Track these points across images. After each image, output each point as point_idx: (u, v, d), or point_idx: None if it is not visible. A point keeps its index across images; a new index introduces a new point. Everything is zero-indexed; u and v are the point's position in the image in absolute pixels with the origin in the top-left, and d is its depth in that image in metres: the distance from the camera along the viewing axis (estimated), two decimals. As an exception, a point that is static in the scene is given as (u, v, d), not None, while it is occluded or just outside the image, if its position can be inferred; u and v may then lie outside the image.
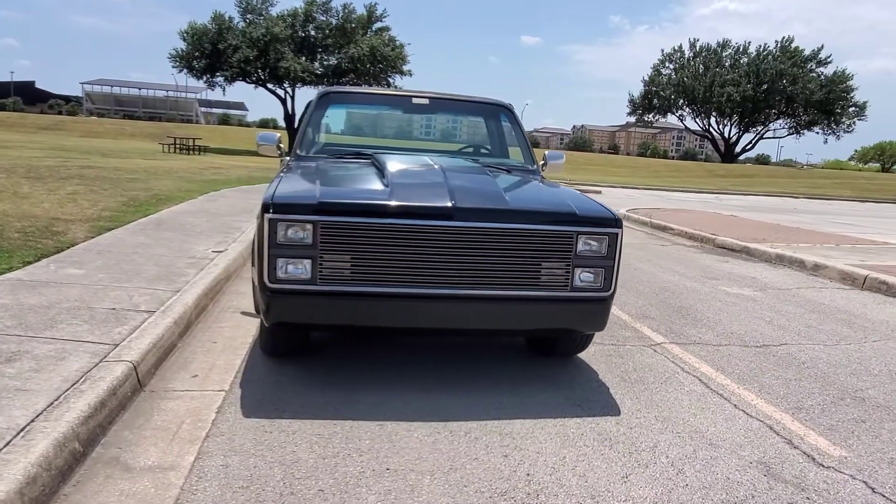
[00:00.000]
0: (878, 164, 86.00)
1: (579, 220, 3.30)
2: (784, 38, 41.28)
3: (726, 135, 45.37)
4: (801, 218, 16.12)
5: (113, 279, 4.66)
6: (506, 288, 3.24)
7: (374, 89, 4.77)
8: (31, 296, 4.05)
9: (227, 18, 31.17)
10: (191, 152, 26.46)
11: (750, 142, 46.75)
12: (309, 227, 3.07)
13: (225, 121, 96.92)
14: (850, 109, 41.40)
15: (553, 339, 3.90)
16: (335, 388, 3.33)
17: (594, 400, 3.41)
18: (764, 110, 41.64)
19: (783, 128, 44.16)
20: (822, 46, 41.12)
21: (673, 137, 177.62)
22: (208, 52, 30.57)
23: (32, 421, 2.43)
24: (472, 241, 3.16)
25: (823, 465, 2.83)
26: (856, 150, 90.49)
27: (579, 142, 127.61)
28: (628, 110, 48.76)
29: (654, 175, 38.30)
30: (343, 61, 32.13)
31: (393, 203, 3.15)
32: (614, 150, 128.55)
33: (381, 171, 3.69)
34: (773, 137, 46.23)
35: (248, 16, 31.66)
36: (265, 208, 3.05)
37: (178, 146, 26.83)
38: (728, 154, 45.66)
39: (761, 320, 5.37)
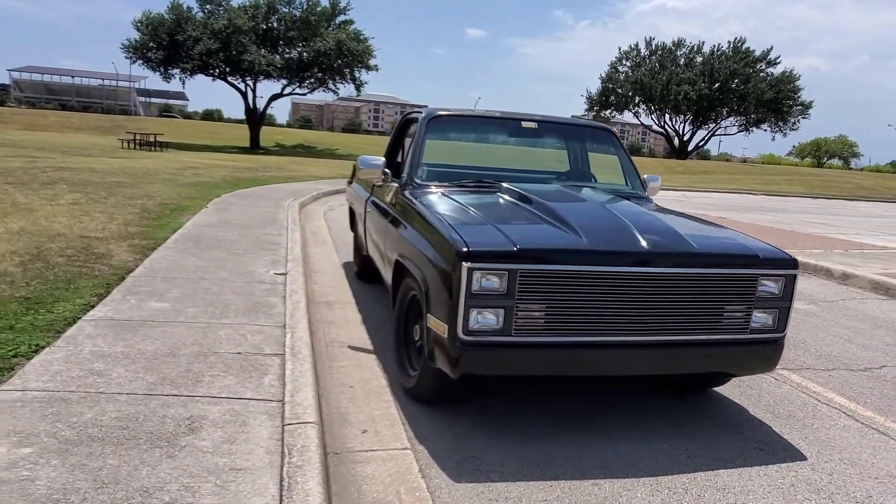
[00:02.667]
0: (810, 160, 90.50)
1: (762, 263, 3.25)
2: (736, 38, 42.99)
3: (681, 132, 46.84)
4: (775, 217, 16.70)
5: (206, 314, 4.34)
6: (693, 332, 3.16)
7: (482, 111, 4.58)
8: (141, 340, 3.72)
9: (185, 8, 29.88)
10: (152, 148, 25.29)
11: (703, 139, 48.56)
12: (505, 275, 2.90)
13: (167, 111, 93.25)
14: (796, 108, 43.34)
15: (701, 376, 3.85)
16: (517, 440, 3.17)
17: (769, 441, 3.38)
18: (717, 108, 43.06)
19: (734, 125, 45.82)
20: (772, 48, 42.87)
21: (617, 132, 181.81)
22: (166, 44, 29.20)
23: (280, 510, 2.20)
24: (665, 286, 3.06)
25: None
26: (794, 146, 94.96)
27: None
28: (586, 107, 49.59)
29: (613, 172, 38.99)
30: (308, 54, 31.34)
31: (592, 249, 3.01)
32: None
33: (540, 207, 3.54)
34: (725, 134, 47.85)
35: (208, 6, 30.42)
36: (462, 257, 2.86)
37: (137, 142, 25.61)
38: (682, 151, 47.10)
39: (840, 338, 5.47)
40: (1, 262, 5.15)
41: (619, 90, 45.68)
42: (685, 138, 47.55)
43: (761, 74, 42.10)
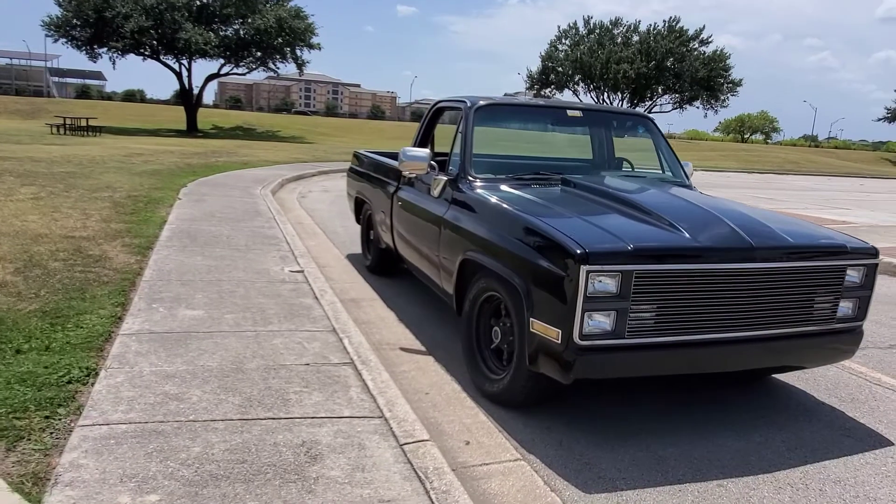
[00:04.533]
0: (731, 135, 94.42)
1: (849, 253, 3.28)
2: (671, 17, 44.01)
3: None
4: (727, 194, 17.31)
5: (246, 320, 4.07)
6: (790, 325, 3.17)
7: (529, 101, 4.42)
8: (198, 355, 3.43)
9: (111, -18, 27.86)
10: (85, 134, 23.70)
11: (639, 116, 49.40)
12: (619, 276, 2.80)
13: (85, 92, 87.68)
14: (727, 86, 45.00)
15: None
16: (621, 442, 3.10)
17: (851, 427, 3.44)
18: (653, 86, 44.16)
19: (669, 103, 47.12)
20: (704, 27, 44.24)
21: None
22: (93, 21, 27.22)
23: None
24: (768, 281, 3.05)
25: None
26: (720, 123, 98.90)
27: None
28: (526, 85, 49.86)
29: (557, 152, 39.50)
30: (246, 32, 29.97)
31: (703, 247, 2.95)
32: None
33: (621, 201, 3.46)
34: (661, 112, 49.21)
35: (137, -20, 28.48)
36: (580, 259, 2.73)
37: (67, 127, 23.92)
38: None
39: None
40: (-6, 270, 4.66)
41: (560, 68, 46.12)
42: (623, 116, 48.43)
43: (695, 53, 43.42)
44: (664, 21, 44.11)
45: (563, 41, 46.78)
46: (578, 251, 2.77)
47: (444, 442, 2.99)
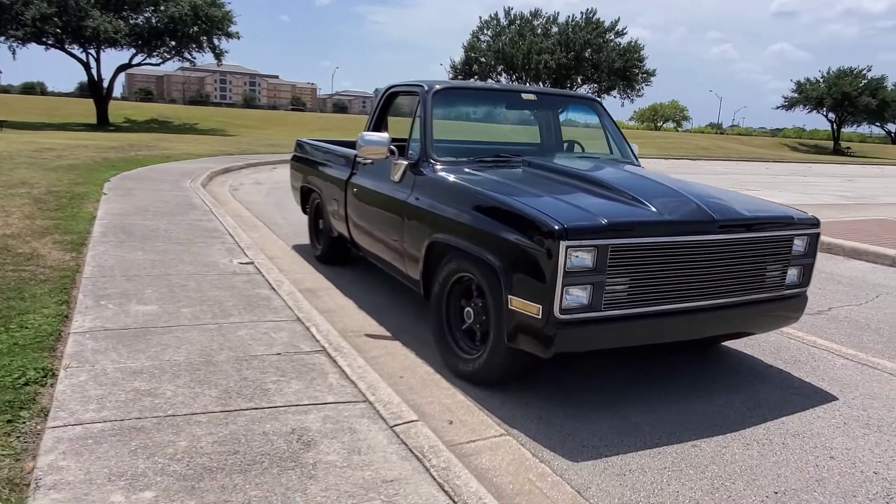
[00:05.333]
0: (646, 123, 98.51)
1: (795, 224, 3.51)
2: (588, 9, 45.11)
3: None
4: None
5: (205, 314, 3.92)
6: (747, 293, 3.36)
7: (485, 84, 4.43)
8: (161, 350, 3.29)
9: (7, -35, 25.78)
10: (-17, 128, 21.96)
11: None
12: (594, 251, 2.89)
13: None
14: (642, 75, 46.78)
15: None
16: (597, 412, 3.20)
17: (799, 386, 3.69)
18: (573, 76, 45.31)
19: (588, 92, 48.45)
20: (619, 19, 45.72)
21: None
22: (-12, 7, 25.12)
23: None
24: (729, 251, 3.22)
25: None
26: (635, 112, 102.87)
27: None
28: (450, 75, 49.99)
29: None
30: (160, 21, 28.53)
31: (671, 220, 3.08)
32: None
33: (586, 180, 3.56)
34: (581, 101, 50.47)
35: (35, -36, 26.49)
36: (558, 235, 2.80)
37: (-38, 121, 22.10)
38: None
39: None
40: (-87, 272, 4.28)
41: (483, 59, 46.57)
42: (545, 106, 49.47)
43: (611, 44, 44.86)
44: (581, 13, 45.32)
45: (485, 32, 47.26)
46: (557, 227, 2.83)
47: (427, 422, 2.97)
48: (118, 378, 2.89)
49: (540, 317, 2.90)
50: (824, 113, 58.48)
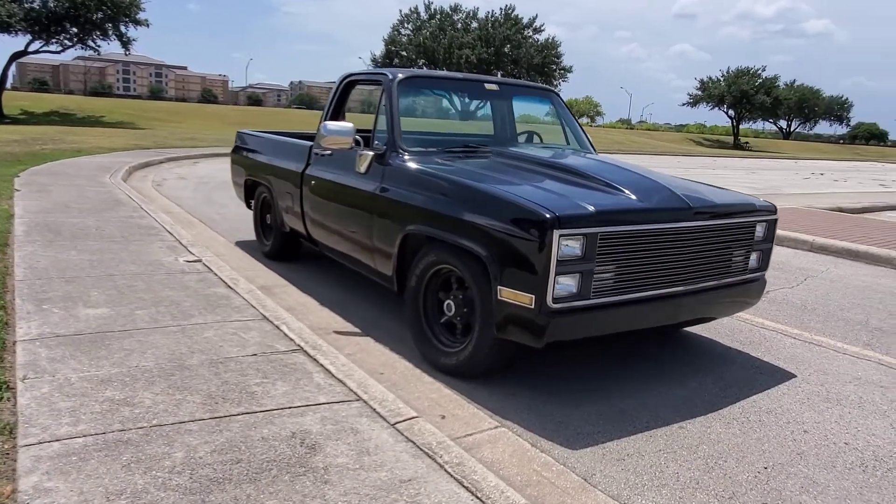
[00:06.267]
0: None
1: (757, 211, 3.68)
2: (507, 6, 45.76)
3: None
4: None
5: (164, 315, 3.68)
6: (717, 277, 3.50)
7: (448, 74, 4.36)
8: (126, 356, 3.05)
9: None
10: None
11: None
12: (583, 239, 2.91)
13: None
14: (559, 72, 47.95)
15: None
16: (583, 399, 3.25)
17: (759, 366, 3.88)
18: (493, 72, 45.82)
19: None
20: (537, 16, 46.64)
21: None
22: None
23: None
24: (703, 238, 3.34)
25: None
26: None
27: (305, 98, 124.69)
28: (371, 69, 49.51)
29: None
30: (59, 5, 26.50)
31: (652, 209, 3.15)
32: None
33: (561, 170, 3.58)
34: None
35: None
36: (551, 225, 2.80)
37: None
38: (464, 112, 49.52)
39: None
40: None
41: (404, 53, 46.29)
42: (465, 101, 49.86)
43: (530, 40, 45.72)
44: (501, 9, 45.89)
45: (406, 25, 47.00)
46: (549, 216, 2.83)
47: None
48: (86, 388, 2.65)
49: (532, 306, 2.90)
50: (725, 110, 62.09)
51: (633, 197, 3.22)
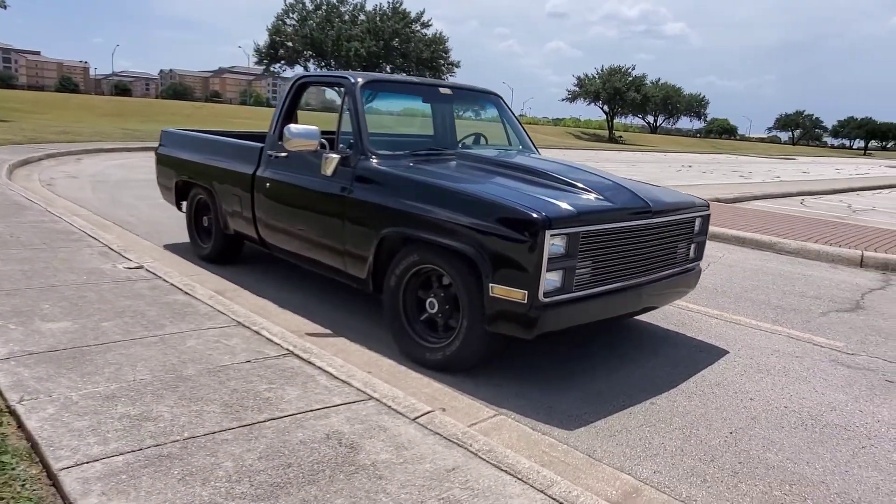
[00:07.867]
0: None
1: (696, 207, 4.14)
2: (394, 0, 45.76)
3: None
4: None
5: (134, 326, 3.57)
6: (668, 268, 3.91)
7: (407, 78, 4.41)
8: (116, 371, 2.97)
9: None
10: None
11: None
12: (567, 238, 3.19)
13: None
14: (448, 66, 48.77)
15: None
16: (564, 385, 3.53)
17: (696, 345, 4.37)
18: (382, 65, 45.76)
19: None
20: (424, 10, 47.02)
21: (268, 84, 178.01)
22: None
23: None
24: (661, 233, 3.74)
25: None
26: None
27: (178, 88, 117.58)
28: (255, 59, 47.70)
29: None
30: None
31: (621, 209, 3.48)
32: (217, 97, 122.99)
33: (530, 172, 3.84)
34: (390, 90, 51.16)
35: None
36: (543, 225, 3.04)
37: None
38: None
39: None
40: None
41: (290, 43, 45.07)
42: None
43: (418, 35, 46.08)
44: (388, 2, 45.85)
45: (291, 15, 45.74)
46: (540, 218, 3.07)
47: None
48: (94, 406, 2.56)
49: (525, 302, 3.13)
50: (601, 105, 65.93)
51: (602, 197, 3.54)
